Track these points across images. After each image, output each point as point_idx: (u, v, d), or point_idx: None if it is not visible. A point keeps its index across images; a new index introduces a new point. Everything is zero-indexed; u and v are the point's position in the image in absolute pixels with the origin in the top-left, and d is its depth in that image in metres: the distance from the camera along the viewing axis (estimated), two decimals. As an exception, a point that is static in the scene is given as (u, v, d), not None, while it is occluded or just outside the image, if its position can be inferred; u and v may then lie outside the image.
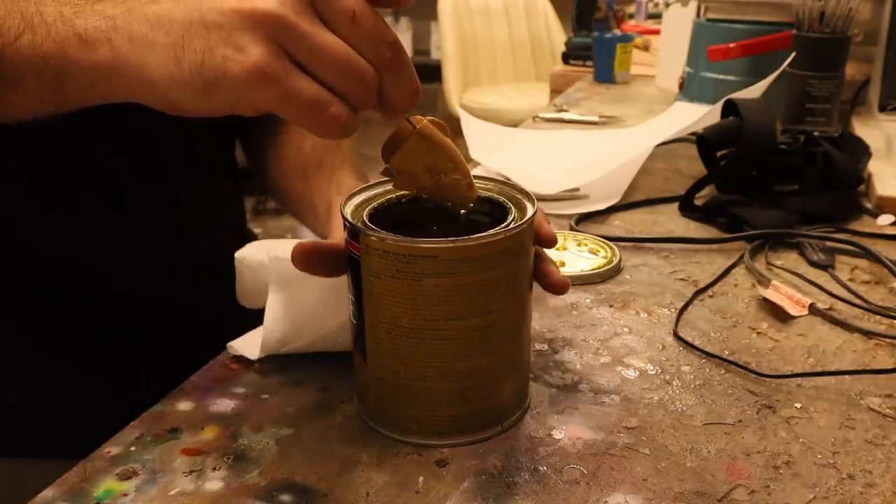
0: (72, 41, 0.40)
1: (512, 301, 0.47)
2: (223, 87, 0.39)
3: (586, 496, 0.44)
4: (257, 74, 0.38)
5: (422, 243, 0.43)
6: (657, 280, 0.71)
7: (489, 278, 0.45)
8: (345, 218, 0.46)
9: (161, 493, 0.44)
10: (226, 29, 0.38)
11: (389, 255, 0.44)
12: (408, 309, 0.45)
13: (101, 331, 0.66)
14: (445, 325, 0.45)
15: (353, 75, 0.40)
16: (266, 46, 0.38)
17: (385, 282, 0.44)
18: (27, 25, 0.40)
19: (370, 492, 0.44)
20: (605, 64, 1.61)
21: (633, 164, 0.93)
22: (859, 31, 1.12)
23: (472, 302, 0.45)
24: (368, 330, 0.47)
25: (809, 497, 0.44)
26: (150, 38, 0.39)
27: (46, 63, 0.40)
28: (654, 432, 0.49)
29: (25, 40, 0.40)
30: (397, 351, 0.46)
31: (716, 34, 1.26)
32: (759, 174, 0.86)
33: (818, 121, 1.08)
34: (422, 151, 0.45)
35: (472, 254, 0.44)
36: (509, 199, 0.50)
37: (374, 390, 0.48)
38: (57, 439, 0.56)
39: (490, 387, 0.48)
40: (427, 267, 0.43)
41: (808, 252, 0.74)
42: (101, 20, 0.40)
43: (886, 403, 0.52)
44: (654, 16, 2.32)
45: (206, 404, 0.52)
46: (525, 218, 0.46)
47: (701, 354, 0.58)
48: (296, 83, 0.39)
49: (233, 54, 0.38)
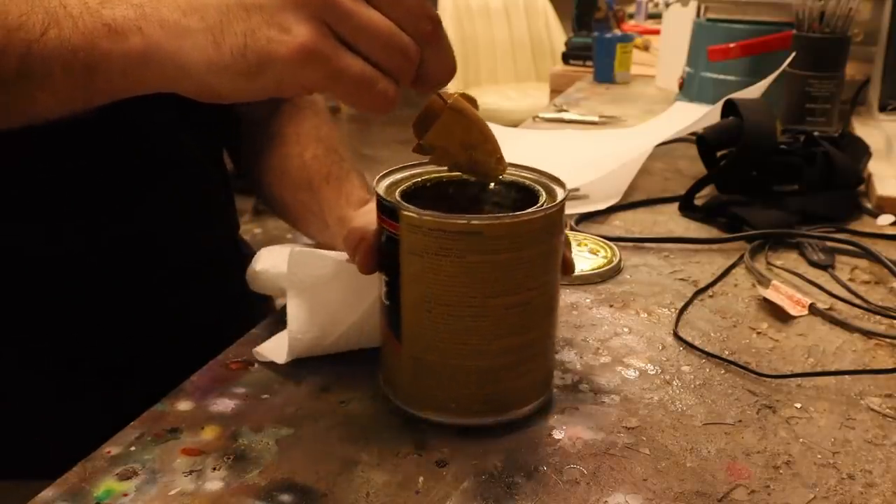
0: (101, 32, 0.39)
1: (546, 280, 0.48)
2: (269, 69, 0.39)
3: (586, 496, 0.44)
4: (305, 54, 0.38)
5: (466, 219, 0.44)
6: (657, 280, 0.71)
7: (528, 256, 0.46)
8: (381, 197, 0.46)
9: (161, 493, 0.44)
10: (269, 10, 0.38)
11: (434, 232, 0.44)
12: (450, 286, 0.45)
13: (91, 338, 0.65)
14: (486, 302, 0.46)
15: (397, 51, 0.40)
16: (312, 25, 0.38)
17: (427, 259, 0.45)
18: (52, 20, 0.40)
19: (370, 492, 0.44)
20: (605, 64, 1.61)
21: (633, 164, 0.93)
22: (859, 31, 1.12)
23: (512, 279, 0.46)
24: (405, 310, 0.47)
25: (809, 497, 0.44)
26: (184, 24, 0.39)
27: (76, 56, 0.40)
28: (654, 432, 0.49)
29: (52, 35, 0.40)
30: (437, 329, 0.46)
31: (716, 34, 1.26)
32: (759, 174, 0.86)
33: (818, 121, 1.08)
34: (455, 126, 0.46)
35: (514, 231, 0.45)
36: (536, 183, 0.51)
37: (408, 371, 0.49)
38: (47, 451, 0.55)
39: (524, 364, 0.49)
40: (471, 244, 0.44)
41: (808, 252, 0.74)
42: (128, 9, 0.40)
43: (886, 403, 0.52)
44: (654, 16, 2.32)
45: (206, 404, 0.51)
46: (559, 199, 0.47)
47: (701, 354, 0.58)
48: (343, 61, 0.39)
49: (278, 35, 0.38)
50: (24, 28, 0.39)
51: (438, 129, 0.45)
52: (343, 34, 0.39)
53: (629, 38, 1.64)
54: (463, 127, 0.46)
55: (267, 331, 0.60)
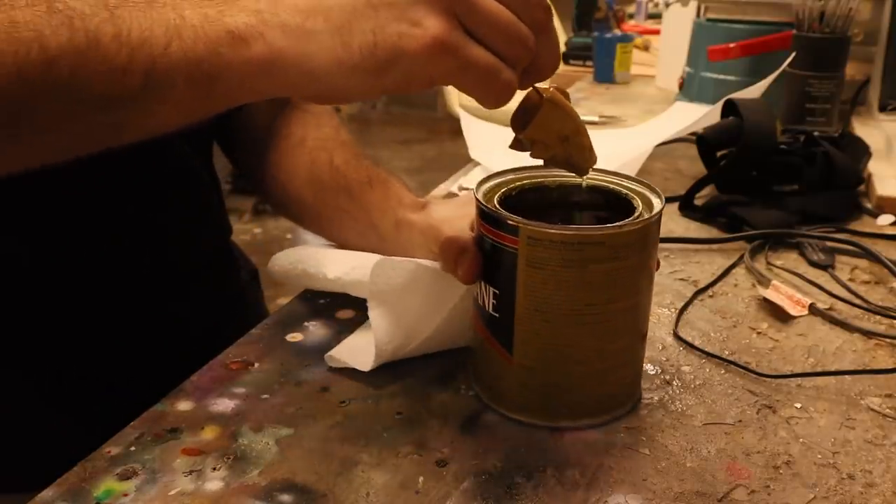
0: (224, 41, 0.39)
1: (649, 282, 0.50)
2: (399, 64, 0.39)
3: (586, 496, 0.44)
4: (438, 47, 0.38)
5: (590, 231, 0.46)
6: (657, 280, 0.70)
7: (639, 261, 0.48)
8: (495, 212, 0.47)
9: (161, 492, 0.44)
10: (398, 5, 0.38)
11: (556, 244, 0.45)
12: (570, 296, 0.46)
13: (87, 347, 0.65)
14: (604, 308, 0.47)
15: (518, 40, 0.40)
16: (444, 17, 0.38)
17: (549, 271, 0.46)
18: (174, 32, 0.39)
19: (370, 492, 0.44)
20: (605, 64, 1.61)
21: (633, 164, 0.92)
22: (859, 31, 1.12)
23: (627, 284, 0.47)
24: (519, 322, 0.48)
25: (809, 497, 0.44)
26: (307, 27, 0.39)
27: (200, 67, 0.39)
28: (654, 432, 0.49)
29: (175, 47, 0.39)
30: (553, 339, 0.47)
31: (716, 34, 1.26)
32: (759, 174, 0.86)
33: (818, 121, 1.08)
34: (553, 119, 0.46)
35: (631, 238, 0.46)
36: (612, 184, 0.52)
37: (518, 382, 0.49)
38: (46, 462, 0.55)
39: (629, 366, 0.51)
40: (594, 253, 0.45)
41: (808, 252, 0.74)
42: (249, 15, 0.39)
43: (886, 403, 0.52)
44: (654, 16, 2.32)
45: (206, 404, 0.52)
46: (657, 208, 0.49)
47: (701, 354, 0.58)
48: (473, 52, 0.39)
49: (409, 29, 0.38)
50: (147, 44, 0.39)
51: (538, 122, 0.45)
52: (470, 25, 0.39)
53: (629, 38, 1.64)
54: (560, 120, 0.46)
55: (268, 332, 0.61)
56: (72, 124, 0.40)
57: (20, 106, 0.38)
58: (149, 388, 0.54)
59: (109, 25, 0.38)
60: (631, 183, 0.52)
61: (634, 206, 0.49)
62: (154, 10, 0.39)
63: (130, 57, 0.38)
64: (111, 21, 0.38)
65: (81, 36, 0.38)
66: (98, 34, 0.38)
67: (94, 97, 0.39)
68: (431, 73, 0.39)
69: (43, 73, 0.37)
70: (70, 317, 0.64)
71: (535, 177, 0.53)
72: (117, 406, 0.53)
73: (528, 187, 0.52)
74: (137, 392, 0.54)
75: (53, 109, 0.39)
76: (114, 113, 0.40)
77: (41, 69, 0.37)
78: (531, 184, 0.53)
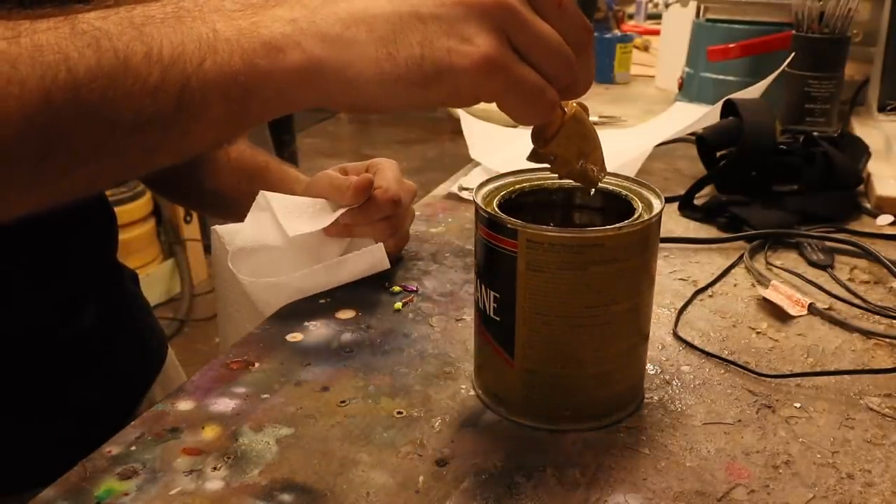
0: (260, 52, 0.38)
1: (650, 283, 0.50)
2: (446, 80, 0.38)
3: (586, 496, 0.44)
4: (488, 65, 0.38)
5: (589, 233, 0.46)
6: (657, 280, 0.70)
7: (640, 262, 0.47)
8: (494, 215, 0.47)
9: (161, 492, 0.44)
10: (447, 20, 0.38)
11: (556, 247, 0.45)
12: (570, 298, 0.46)
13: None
14: (605, 310, 0.47)
15: (563, 61, 0.40)
16: (495, 35, 0.38)
17: (549, 274, 0.46)
18: (208, 48, 0.37)
19: (370, 492, 0.44)
20: (605, 64, 1.61)
21: (632, 164, 0.93)
22: (859, 32, 1.12)
23: (628, 286, 0.47)
24: (521, 325, 0.47)
25: (809, 496, 0.44)
26: (348, 37, 0.38)
27: (236, 80, 0.38)
28: (654, 432, 0.49)
29: (209, 63, 0.37)
30: (555, 341, 0.47)
31: (715, 34, 1.26)
32: (758, 174, 0.86)
33: (818, 121, 1.08)
34: (575, 136, 0.46)
35: (631, 240, 0.46)
36: (608, 184, 0.52)
37: (521, 385, 0.49)
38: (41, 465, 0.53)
39: (630, 368, 0.51)
40: (594, 255, 0.45)
41: (807, 252, 0.75)
42: (284, 25, 0.38)
43: (886, 403, 0.52)
44: (653, 16, 2.31)
45: (207, 404, 0.52)
46: (657, 209, 0.48)
47: (701, 354, 0.58)
48: (521, 71, 0.39)
49: (458, 45, 0.38)
50: (180, 61, 0.37)
51: (561, 139, 0.46)
52: (519, 44, 0.39)
53: (629, 39, 1.65)
54: (582, 136, 0.46)
55: (268, 332, 0.61)
56: (103, 150, 0.38)
57: (49, 134, 0.36)
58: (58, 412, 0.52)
59: (139, 44, 0.37)
60: (630, 183, 0.52)
61: (634, 208, 0.49)
62: (184, 25, 0.38)
63: (163, 75, 0.37)
64: (140, 39, 0.37)
65: (110, 56, 0.36)
66: (128, 53, 0.36)
67: (127, 120, 0.37)
68: (478, 91, 0.39)
69: (71, 98, 0.36)
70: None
71: (535, 179, 0.53)
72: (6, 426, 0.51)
73: (527, 190, 0.53)
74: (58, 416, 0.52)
75: (84, 136, 0.37)
76: (147, 135, 0.38)
77: (69, 94, 0.36)
78: (531, 186, 0.53)
